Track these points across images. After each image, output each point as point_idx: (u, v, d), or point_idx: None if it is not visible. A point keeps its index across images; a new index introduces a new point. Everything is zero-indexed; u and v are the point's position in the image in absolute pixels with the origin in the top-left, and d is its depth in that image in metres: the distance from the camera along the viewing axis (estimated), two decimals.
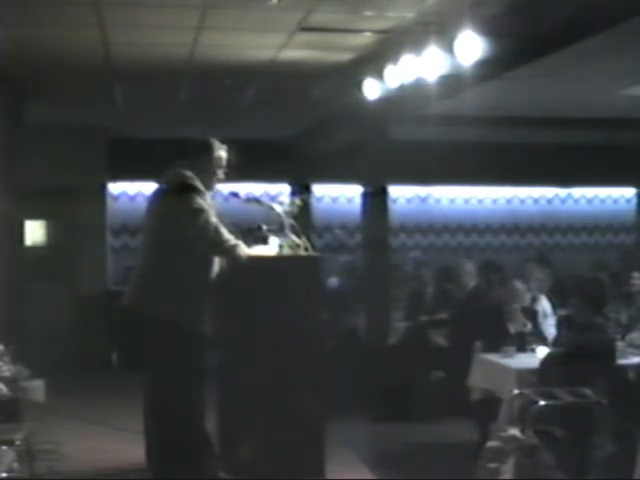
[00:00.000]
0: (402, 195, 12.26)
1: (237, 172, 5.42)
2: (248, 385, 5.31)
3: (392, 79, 6.74)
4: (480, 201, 12.75)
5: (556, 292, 7.92)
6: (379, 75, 6.92)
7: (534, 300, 7.45)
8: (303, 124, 10.49)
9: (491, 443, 4.82)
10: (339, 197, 12.28)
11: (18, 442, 4.95)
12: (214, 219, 5.14)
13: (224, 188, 5.73)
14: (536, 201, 12.96)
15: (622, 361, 5.82)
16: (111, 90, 8.63)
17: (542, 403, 4.94)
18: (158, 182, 5.47)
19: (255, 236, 5.49)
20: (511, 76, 6.81)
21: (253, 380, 5.29)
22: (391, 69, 6.68)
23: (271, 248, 5.49)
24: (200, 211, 5.11)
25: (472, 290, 7.94)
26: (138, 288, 5.35)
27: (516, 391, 5.33)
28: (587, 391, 5.06)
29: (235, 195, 5.70)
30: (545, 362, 5.68)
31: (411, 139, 10.17)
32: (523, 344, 6.48)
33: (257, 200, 5.91)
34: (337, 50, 6.97)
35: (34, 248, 10.78)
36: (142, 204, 6.02)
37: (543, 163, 11.68)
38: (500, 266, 9.79)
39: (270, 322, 5.32)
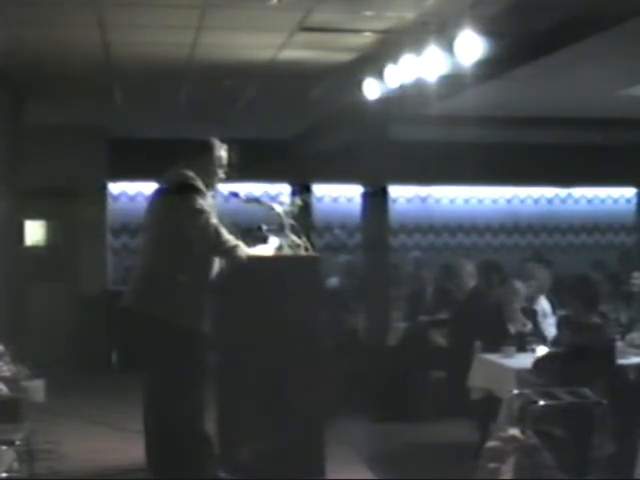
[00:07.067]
0: (402, 195, 12.26)
1: (237, 172, 5.43)
2: (248, 385, 5.31)
3: (392, 79, 6.74)
4: (480, 201, 12.75)
5: (555, 292, 7.91)
6: (379, 75, 6.92)
7: (534, 300, 7.45)
8: (303, 124, 10.49)
9: (491, 443, 4.82)
10: (339, 197, 12.28)
11: (18, 442, 4.95)
12: (214, 220, 5.14)
13: (224, 188, 5.73)
14: (536, 201, 12.96)
15: (622, 361, 5.82)
16: (111, 90, 8.63)
17: (542, 403, 4.94)
18: (159, 182, 5.48)
19: (255, 236, 5.49)
20: (511, 76, 6.81)
21: (253, 380, 5.29)
22: (391, 69, 6.68)
23: (268, 248, 5.49)
24: (200, 212, 5.11)
25: (472, 290, 7.93)
26: (138, 288, 5.36)
27: (516, 391, 5.32)
28: (587, 391, 5.06)
29: (235, 195, 5.70)
30: (539, 361, 5.70)
31: (411, 139, 10.16)
32: (523, 344, 6.48)
33: (257, 200, 5.91)
34: (337, 50, 6.97)
35: (34, 248, 10.79)
36: (142, 204, 6.02)
37: (543, 163, 11.68)
38: (500, 266, 9.78)
39: (270, 322, 5.32)
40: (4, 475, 4.62)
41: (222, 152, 5.42)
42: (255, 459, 5.22)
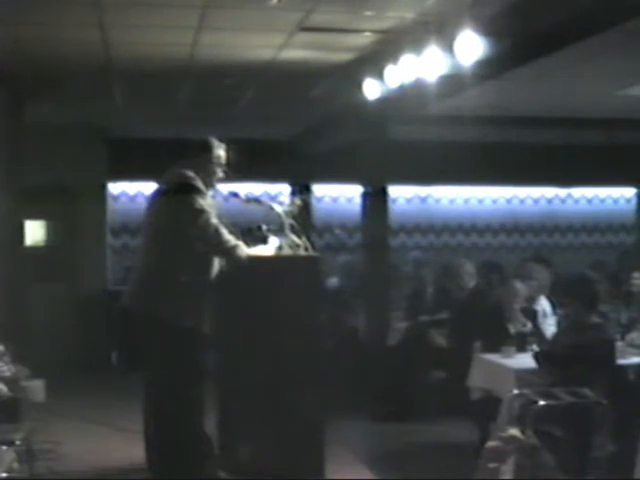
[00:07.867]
0: (402, 195, 12.26)
1: (237, 172, 5.43)
2: (248, 385, 5.32)
3: (392, 79, 6.74)
4: (480, 201, 12.74)
5: (555, 292, 7.91)
6: (379, 75, 6.92)
7: (534, 300, 7.45)
8: (303, 124, 10.49)
9: (491, 443, 4.82)
10: (339, 197, 12.27)
11: (18, 442, 4.95)
12: (214, 220, 5.14)
13: (224, 188, 5.73)
14: (536, 201, 12.95)
15: (622, 361, 5.82)
16: (111, 90, 8.63)
17: (542, 403, 4.94)
18: (158, 182, 5.48)
19: (255, 236, 5.49)
20: (511, 76, 6.81)
21: (253, 380, 5.29)
22: (391, 69, 6.68)
23: (268, 248, 5.49)
24: (200, 212, 5.11)
25: (472, 290, 7.93)
26: (138, 288, 5.36)
27: (516, 391, 5.33)
28: (587, 391, 5.06)
29: (235, 195, 5.69)
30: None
31: (411, 139, 10.17)
32: (523, 344, 6.48)
33: (257, 200, 5.91)
34: (337, 50, 6.97)
35: (34, 248, 10.78)
36: (142, 204, 6.02)
37: (543, 163, 11.68)
38: (500, 266, 9.79)
39: (270, 322, 5.32)
40: (4, 475, 4.62)
41: (221, 152, 5.43)
42: (255, 459, 5.22)
